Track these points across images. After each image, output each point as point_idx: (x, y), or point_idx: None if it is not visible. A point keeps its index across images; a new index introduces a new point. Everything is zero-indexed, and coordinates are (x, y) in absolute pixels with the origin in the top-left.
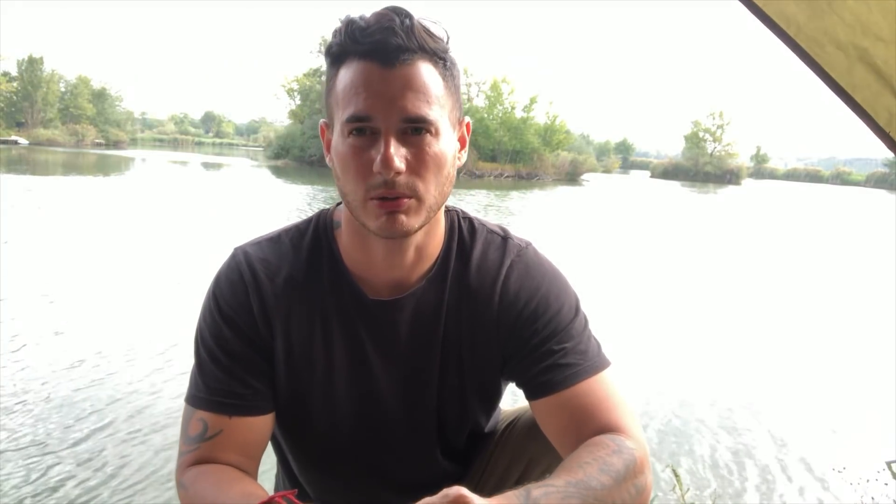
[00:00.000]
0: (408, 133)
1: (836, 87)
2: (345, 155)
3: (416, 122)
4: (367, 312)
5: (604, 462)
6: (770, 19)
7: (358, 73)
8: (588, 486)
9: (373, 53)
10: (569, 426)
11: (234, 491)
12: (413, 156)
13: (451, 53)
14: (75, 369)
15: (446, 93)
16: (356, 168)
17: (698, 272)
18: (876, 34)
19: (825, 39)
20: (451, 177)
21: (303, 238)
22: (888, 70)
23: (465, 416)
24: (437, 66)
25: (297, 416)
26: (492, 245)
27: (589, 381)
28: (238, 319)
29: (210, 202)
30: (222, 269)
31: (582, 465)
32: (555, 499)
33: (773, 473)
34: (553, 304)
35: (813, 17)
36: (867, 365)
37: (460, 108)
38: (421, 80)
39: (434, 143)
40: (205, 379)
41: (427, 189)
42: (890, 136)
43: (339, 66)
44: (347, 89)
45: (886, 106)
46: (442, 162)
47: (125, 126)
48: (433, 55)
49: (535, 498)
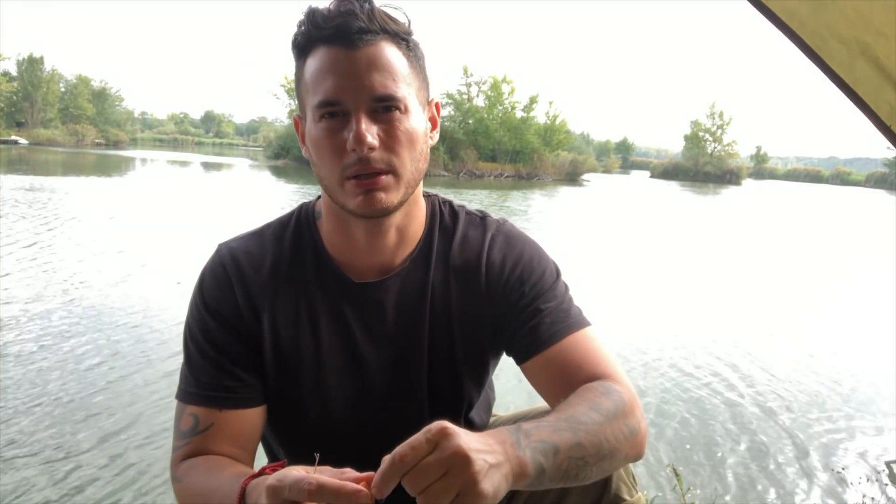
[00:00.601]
0: (378, 111)
1: (838, 81)
2: (318, 139)
3: (385, 100)
4: (352, 296)
5: (593, 402)
6: (773, 14)
7: (324, 59)
8: (579, 421)
9: (336, 38)
10: (559, 379)
11: (226, 473)
12: (385, 132)
13: (415, 37)
14: (92, 370)
15: (412, 72)
16: (331, 150)
17: (699, 272)
18: (878, 29)
19: (828, 34)
20: (425, 154)
21: (285, 230)
22: (890, 64)
23: (456, 395)
24: (400, 46)
25: (288, 405)
26: (472, 224)
27: (575, 336)
28: (223, 312)
29: (213, 201)
30: (207, 265)
31: (572, 405)
32: (545, 431)
33: (772, 473)
34: (536, 268)
35: (816, 11)
36: (867, 365)
37: (428, 89)
38: (385, 58)
39: (404, 120)
40: (194, 374)
41: (402, 164)
42: (891, 129)
43: (306, 56)
44: (315, 76)
45: (888, 100)
46: (414, 137)
47: (125, 126)
48: (395, 36)
49: (525, 430)
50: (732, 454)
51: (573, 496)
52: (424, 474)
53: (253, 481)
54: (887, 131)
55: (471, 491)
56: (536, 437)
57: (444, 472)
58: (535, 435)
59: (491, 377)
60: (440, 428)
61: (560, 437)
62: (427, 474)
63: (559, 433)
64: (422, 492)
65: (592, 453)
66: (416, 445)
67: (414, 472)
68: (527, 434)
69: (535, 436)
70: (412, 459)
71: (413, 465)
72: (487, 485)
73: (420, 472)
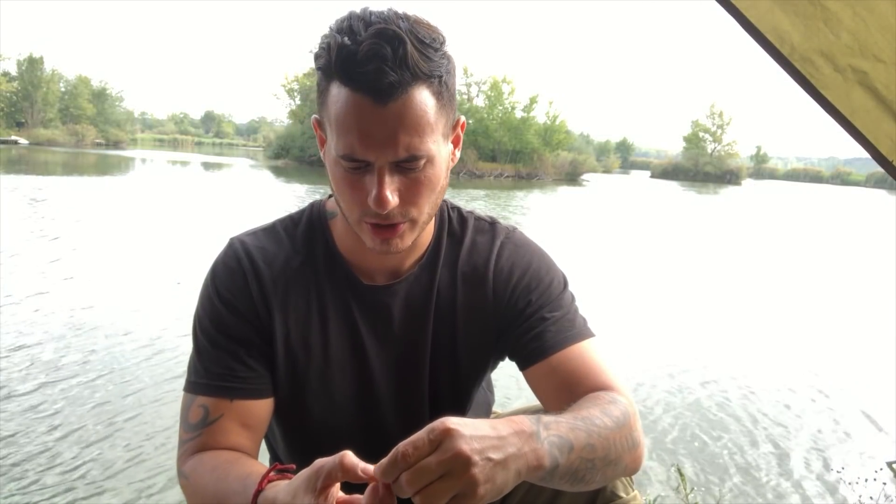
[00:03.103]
0: (402, 165)
1: (833, 111)
2: (339, 180)
3: (409, 160)
4: (361, 297)
5: (603, 408)
6: (763, 37)
7: (350, 106)
8: (593, 423)
9: (365, 90)
10: (561, 388)
11: (232, 476)
12: (406, 186)
13: (447, 54)
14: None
15: (440, 111)
16: (350, 196)
17: (699, 272)
18: (875, 55)
19: (821, 61)
20: (444, 185)
21: (297, 227)
22: (889, 95)
23: (457, 397)
24: (431, 86)
25: (294, 401)
26: (481, 230)
27: (579, 346)
28: (237, 303)
29: (215, 201)
30: (219, 257)
31: (584, 407)
32: (564, 427)
33: (772, 473)
34: (544, 277)
35: (807, 35)
36: (867, 364)
37: (455, 110)
38: (414, 113)
39: (427, 170)
40: (204, 364)
41: (421, 212)
42: (893, 164)
43: (331, 81)
44: (339, 119)
45: (888, 133)
46: (436, 182)
47: (125, 126)
48: (428, 78)
49: (546, 422)
50: (733, 454)
51: (568, 493)
52: (423, 474)
53: (266, 491)
54: (888, 166)
55: (469, 493)
56: (556, 431)
57: (443, 474)
58: (555, 428)
59: (489, 377)
60: (444, 428)
61: (576, 436)
62: (426, 474)
63: (575, 431)
64: (419, 491)
65: (601, 457)
66: (418, 444)
67: (413, 472)
68: (547, 426)
69: (555, 429)
70: (413, 458)
71: (413, 463)
72: (488, 487)
73: (419, 471)
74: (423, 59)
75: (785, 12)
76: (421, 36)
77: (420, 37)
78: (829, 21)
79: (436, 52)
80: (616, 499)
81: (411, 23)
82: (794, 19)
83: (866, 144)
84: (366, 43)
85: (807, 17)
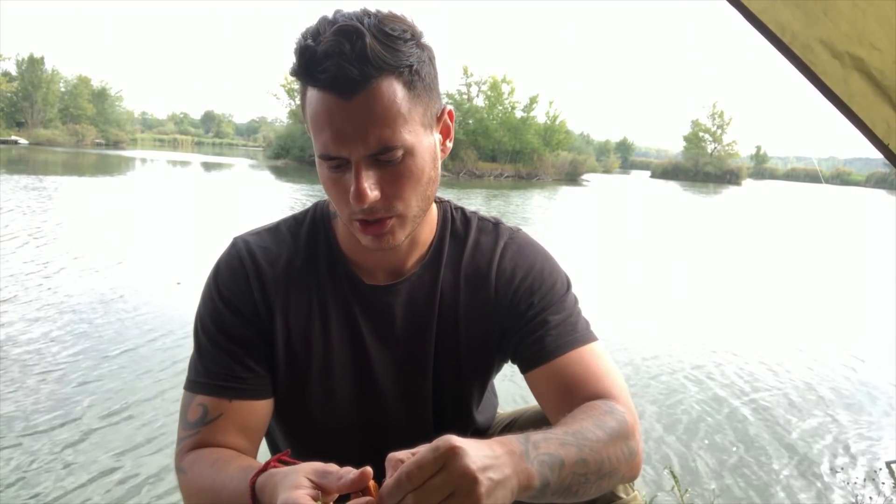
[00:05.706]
0: (379, 158)
1: (832, 96)
2: (325, 180)
3: (384, 151)
4: (363, 297)
5: (598, 419)
6: (765, 26)
7: (319, 105)
8: (585, 437)
9: (329, 87)
10: (561, 393)
11: (231, 468)
12: (387, 180)
13: (421, 44)
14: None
15: (414, 101)
16: (335, 195)
17: (700, 272)
18: (871, 43)
19: (820, 48)
20: (434, 177)
21: (300, 227)
22: (884, 80)
23: (460, 399)
24: (400, 77)
25: (295, 401)
26: (484, 231)
27: (580, 350)
28: (238, 303)
29: (217, 201)
30: (222, 256)
31: (578, 420)
32: (553, 444)
33: (772, 473)
34: (547, 279)
35: (808, 24)
36: (867, 364)
37: (437, 100)
38: (381, 105)
39: (407, 161)
40: (205, 363)
41: (408, 205)
42: (889, 147)
43: (304, 85)
44: (313, 119)
45: (884, 117)
46: (419, 175)
47: (125, 126)
48: (395, 69)
49: (534, 441)
50: (731, 454)
51: None
52: (430, 494)
53: (261, 477)
54: (885, 149)
55: None
56: (545, 450)
57: (450, 493)
58: (544, 447)
59: (493, 379)
60: (449, 447)
61: (566, 452)
62: (433, 494)
63: (566, 447)
64: None
65: (594, 471)
66: (423, 464)
67: (420, 492)
68: (535, 445)
69: (544, 448)
70: (419, 479)
71: (420, 484)
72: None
73: (426, 491)
74: (388, 50)
75: (786, 3)
76: (387, 29)
77: (386, 30)
78: (829, 11)
79: (405, 44)
80: (616, 499)
81: (379, 18)
82: (796, 10)
83: (863, 128)
84: (324, 42)
85: (807, 8)
